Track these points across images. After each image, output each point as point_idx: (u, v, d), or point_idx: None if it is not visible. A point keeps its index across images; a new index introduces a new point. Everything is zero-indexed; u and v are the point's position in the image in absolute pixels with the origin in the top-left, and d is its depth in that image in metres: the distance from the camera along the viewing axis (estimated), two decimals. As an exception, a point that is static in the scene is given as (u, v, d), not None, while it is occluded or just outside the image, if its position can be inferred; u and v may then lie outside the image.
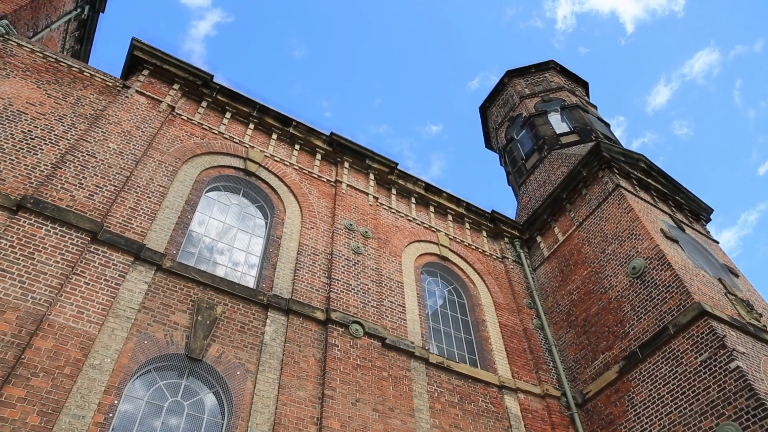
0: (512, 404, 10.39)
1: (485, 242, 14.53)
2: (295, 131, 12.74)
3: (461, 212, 14.51)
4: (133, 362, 7.04)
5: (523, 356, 11.72)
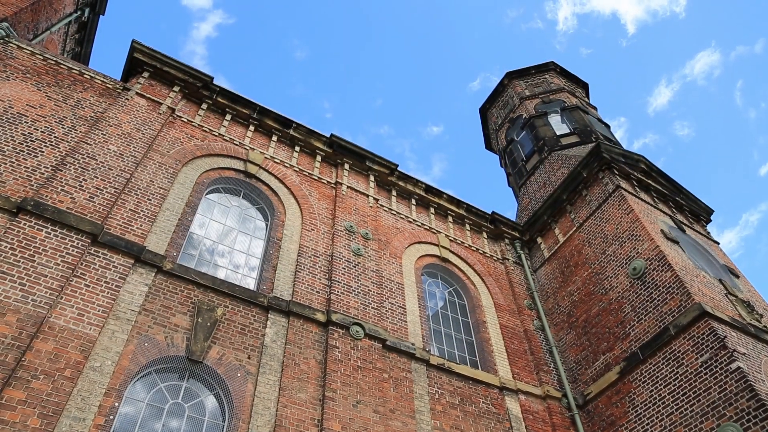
0: (513, 405, 10.38)
1: (486, 244, 14.52)
2: (295, 133, 12.75)
3: (461, 214, 14.51)
4: (133, 364, 7.04)
5: (523, 357, 11.72)
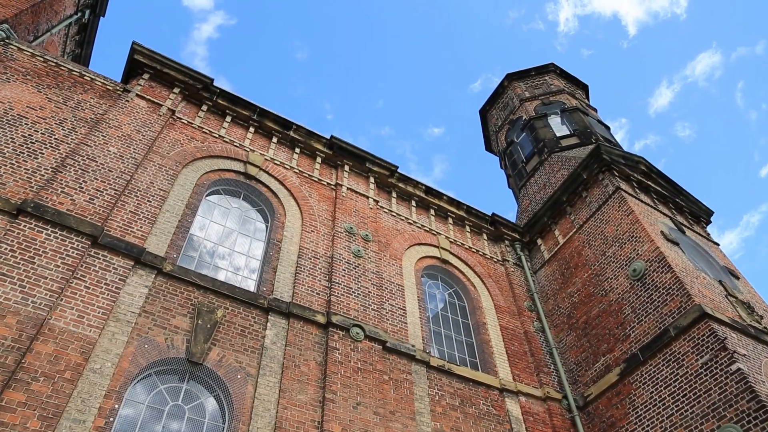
0: (513, 407, 10.37)
1: (486, 245, 14.53)
2: (295, 135, 12.76)
3: (461, 215, 14.52)
4: (133, 366, 7.04)
5: (524, 359, 11.71)
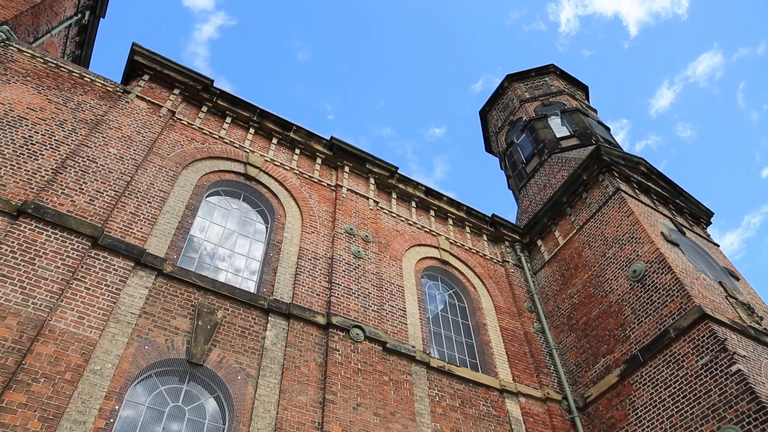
0: (513, 408, 10.37)
1: (486, 246, 14.53)
2: (295, 136, 12.76)
3: (462, 216, 14.52)
4: (134, 367, 7.04)
5: (524, 360, 11.71)
